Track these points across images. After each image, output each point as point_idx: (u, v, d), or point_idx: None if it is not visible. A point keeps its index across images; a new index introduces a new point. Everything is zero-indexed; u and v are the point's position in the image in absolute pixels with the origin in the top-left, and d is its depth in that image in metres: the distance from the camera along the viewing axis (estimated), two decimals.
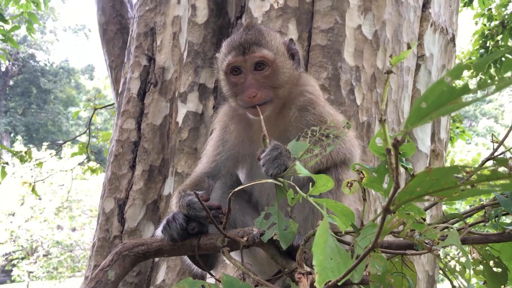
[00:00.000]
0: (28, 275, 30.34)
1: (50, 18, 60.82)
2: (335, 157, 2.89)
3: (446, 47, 5.54)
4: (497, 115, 54.33)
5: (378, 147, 2.31)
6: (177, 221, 2.60)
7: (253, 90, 2.97)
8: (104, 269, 2.51)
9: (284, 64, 3.07)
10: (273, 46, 3.07)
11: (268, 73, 3.02)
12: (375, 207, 4.50)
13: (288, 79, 3.08)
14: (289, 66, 3.11)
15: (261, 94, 2.97)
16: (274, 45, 3.08)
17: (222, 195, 2.99)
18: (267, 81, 3.02)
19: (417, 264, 4.74)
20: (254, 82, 3.00)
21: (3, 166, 10.20)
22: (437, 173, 1.30)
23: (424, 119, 1.18)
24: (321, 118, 3.02)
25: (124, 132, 5.74)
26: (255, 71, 3.03)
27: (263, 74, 3.02)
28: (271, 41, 3.08)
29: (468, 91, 1.13)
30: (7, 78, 55.88)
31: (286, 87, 3.07)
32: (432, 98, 1.17)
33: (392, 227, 1.61)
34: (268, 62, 3.02)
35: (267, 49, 3.03)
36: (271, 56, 3.02)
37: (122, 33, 8.23)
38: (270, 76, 3.02)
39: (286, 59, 3.12)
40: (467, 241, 2.39)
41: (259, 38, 3.06)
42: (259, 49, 3.02)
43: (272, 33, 3.19)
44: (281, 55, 3.08)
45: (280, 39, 3.18)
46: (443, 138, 5.50)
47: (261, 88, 3.00)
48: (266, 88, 3.01)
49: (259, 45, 3.03)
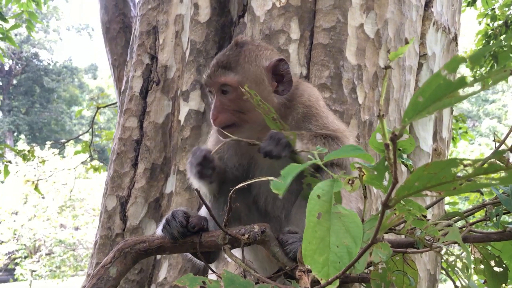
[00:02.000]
0: (31, 274, 30.40)
1: (54, 17, 60.89)
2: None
3: (448, 46, 5.54)
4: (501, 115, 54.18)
5: (378, 143, 2.32)
6: (176, 219, 2.61)
7: (213, 113, 2.94)
8: (105, 266, 2.53)
9: (254, 89, 2.76)
10: (245, 69, 2.96)
11: (232, 97, 2.94)
12: (377, 206, 4.50)
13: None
14: (263, 90, 2.96)
15: (222, 117, 2.93)
16: (246, 68, 2.97)
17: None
18: (232, 105, 2.94)
19: (418, 263, 4.74)
20: (218, 105, 2.95)
21: (6, 164, 10.22)
22: (436, 167, 1.31)
23: (421, 113, 1.19)
24: (326, 127, 3.00)
25: (126, 130, 5.75)
26: (222, 94, 2.97)
27: (228, 97, 2.95)
28: (245, 64, 2.98)
29: (464, 84, 1.14)
30: (10, 77, 55.99)
31: (257, 112, 2.73)
32: (429, 92, 1.17)
33: (392, 223, 1.62)
34: (232, 87, 2.93)
35: (234, 73, 2.94)
36: (234, 81, 2.92)
37: (125, 32, 8.23)
38: (235, 100, 2.93)
39: (261, 83, 2.98)
40: (468, 240, 2.39)
41: (231, 60, 2.99)
42: (224, 74, 2.95)
43: (254, 54, 3.05)
44: (251, 79, 2.95)
45: (261, 60, 3.04)
46: (445, 137, 5.49)
47: (224, 111, 2.94)
48: (229, 111, 2.94)
49: (227, 68, 2.96)
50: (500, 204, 2.46)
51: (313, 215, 1.40)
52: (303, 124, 3.02)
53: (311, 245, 1.26)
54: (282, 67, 3.01)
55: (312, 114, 3.04)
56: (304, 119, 3.03)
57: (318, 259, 1.22)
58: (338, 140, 2.91)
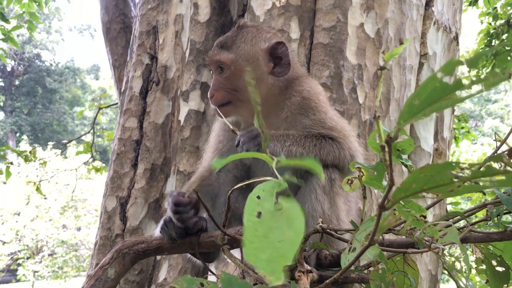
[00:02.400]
0: (33, 274, 30.40)
1: (56, 18, 60.94)
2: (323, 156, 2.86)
3: (449, 46, 5.52)
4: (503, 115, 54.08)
5: (376, 143, 2.30)
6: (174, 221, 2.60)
7: (211, 91, 3.04)
8: (104, 267, 2.51)
9: (246, 67, 2.99)
10: (239, 49, 3.06)
11: (227, 76, 3.04)
12: (377, 206, 4.48)
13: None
14: (256, 69, 3.02)
15: (218, 95, 3.02)
16: (241, 47, 3.06)
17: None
18: (226, 83, 3.04)
19: (419, 264, 4.72)
20: (215, 83, 3.06)
21: (8, 166, 10.22)
22: (432, 170, 1.30)
23: (417, 116, 1.17)
24: (323, 124, 2.98)
25: (126, 131, 5.75)
26: (219, 73, 3.07)
27: (223, 76, 3.05)
28: (241, 43, 3.07)
29: (461, 87, 1.12)
30: (13, 78, 56.07)
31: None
32: (425, 95, 1.16)
33: (389, 225, 1.60)
34: (225, 65, 3.03)
35: (228, 52, 3.05)
36: (228, 59, 3.02)
37: (125, 32, 8.23)
38: (229, 78, 3.03)
39: (255, 62, 3.05)
40: (468, 240, 2.37)
41: (229, 40, 3.10)
42: (219, 52, 3.06)
43: (252, 35, 3.13)
44: (244, 58, 3.04)
45: (259, 41, 3.11)
46: (446, 137, 5.48)
47: (220, 90, 3.03)
48: (225, 90, 3.03)
49: (223, 47, 3.08)
50: (501, 204, 2.45)
51: (252, 215, 1.38)
52: (299, 117, 3.02)
53: (253, 244, 1.24)
54: (280, 49, 3.07)
55: (310, 107, 3.03)
56: (300, 111, 3.03)
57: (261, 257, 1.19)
58: (334, 141, 2.91)
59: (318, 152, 2.84)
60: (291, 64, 3.11)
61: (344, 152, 2.89)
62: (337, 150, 2.88)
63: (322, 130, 2.94)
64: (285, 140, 2.81)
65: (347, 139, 2.95)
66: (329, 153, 2.86)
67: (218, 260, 3.07)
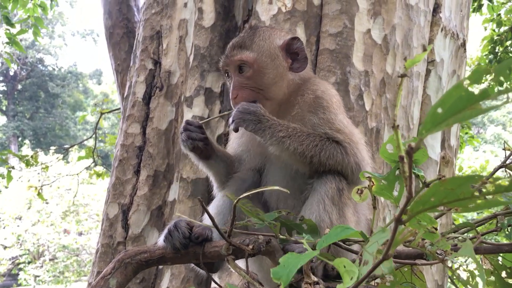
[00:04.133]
0: (35, 279, 30.40)
1: (59, 22, 61.11)
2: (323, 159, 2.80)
3: (456, 52, 5.48)
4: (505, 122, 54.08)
5: (389, 153, 2.25)
6: (179, 230, 2.55)
7: (234, 91, 3.03)
8: (105, 277, 2.47)
9: (269, 64, 3.05)
10: (259, 46, 3.09)
11: (249, 74, 3.04)
12: (384, 215, 4.43)
13: (274, 79, 3.06)
14: (278, 65, 3.08)
15: (242, 94, 3.01)
16: (261, 45, 3.09)
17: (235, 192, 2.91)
18: (250, 82, 3.04)
19: (426, 274, 4.67)
20: (237, 84, 3.05)
21: (9, 170, 10.23)
22: (453, 183, 1.24)
23: (440, 125, 1.11)
24: (330, 124, 2.92)
25: (129, 137, 5.70)
26: (239, 73, 3.07)
27: (245, 75, 3.04)
28: (259, 42, 3.11)
29: (487, 96, 1.06)
30: (15, 82, 56.20)
31: (274, 87, 3.06)
32: (449, 104, 1.10)
33: (404, 238, 1.55)
34: (248, 63, 3.04)
35: (249, 51, 3.07)
36: (250, 58, 3.04)
37: (128, 37, 8.22)
38: (253, 77, 3.03)
39: (276, 59, 3.09)
40: (479, 251, 2.35)
41: (246, 40, 3.13)
42: (240, 52, 3.08)
43: (267, 33, 3.18)
44: (266, 55, 3.07)
45: (275, 39, 3.16)
46: (453, 145, 5.43)
47: (243, 89, 3.03)
48: (249, 89, 3.03)
49: (242, 47, 3.10)
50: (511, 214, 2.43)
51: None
52: (308, 115, 3.00)
53: None
54: (295, 45, 3.13)
55: (321, 106, 3.00)
56: (310, 108, 3.01)
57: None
58: (339, 144, 2.84)
59: (318, 154, 2.78)
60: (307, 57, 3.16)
61: (348, 158, 2.80)
62: (341, 155, 2.80)
63: (329, 130, 2.89)
64: (280, 130, 2.79)
65: (355, 145, 2.88)
66: (330, 157, 2.79)
67: (221, 270, 3.03)
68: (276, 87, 3.05)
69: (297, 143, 2.76)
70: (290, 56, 3.12)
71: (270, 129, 2.77)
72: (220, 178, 3.24)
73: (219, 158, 3.19)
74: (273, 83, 3.04)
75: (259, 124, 2.78)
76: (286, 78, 3.09)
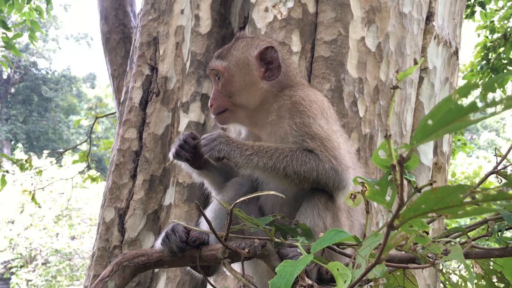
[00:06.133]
0: (27, 283, 30.19)
1: (53, 26, 60.91)
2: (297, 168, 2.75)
3: (449, 60, 5.54)
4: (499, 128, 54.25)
5: (381, 159, 2.30)
6: (176, 234, 2.58)
7: (210, 100, 3.19)
8: (103, 280, 2.49)
9: (238, 72, 3.14)
10: (232, 56, 3.19)
11: (222, 83, 3.16)
12: (377, 220, 4.48)
13: (245, 87, 3.13)
14: (248, 73, 3.15)
15: (216, 103, 3.16)
16: (234, 55, 3.19)
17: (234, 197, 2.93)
18: (222, 90, 3.16)
19: (418, 278, 4.71)
20: (214, 93, 3.19)
21: (3, 174, 10.21)
22: (443, 191, 1.29)
23: (430, 136, 1.17)
24: (307, 128, 2.87)
25: (125, 142, 5.73)
26: (216, 82, 3.21)
27: (220, 83, 3.17)
28: (233, 51, 3.21)
29: (476, 109, 1.12)
30: (8, 85, 55.94)
31: (246, 95, 3.13)
32: (439, 116, 1.16)
33: (396, 243, 1.60)
34: (220, 72, 3.18)
35: (222, 60, 3.19)
36: (220, 66, 3.17)
37: (124, 42, 8.25)
38: (224, 85, 3.15)
39: (245, 67, 3.16)
40: (469, 256, 2.37)
41: (225, 50, 3.26)
42: (215, 61, 3.23)
43: (244, 43, 3.25)
44: (235, 64, 3.16)
45: (250, 48, 3.21)
46: (445, 151, 5.48)
47: (218, 98, 3.16)
48: (222, 98, 3.15)
49: (218, 57, 3.24)
50: (502, 220, 2.46)
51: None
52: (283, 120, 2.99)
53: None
54: (269, 53, 3.17)
55: (298, 110, 2.95)
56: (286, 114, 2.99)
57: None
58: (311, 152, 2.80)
59: (290, 163, 2.73)
60: (282, 67, 3.18)
61: (323, 164, 2.75)
62: (314, 162, 2.75)
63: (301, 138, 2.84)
64: (246, 149, 2.80)
65: (331, 151, 2.80)
66: (303, 163, 2.74)
67: (217, 274, 3.06)
68: (248, 94, 3.13)
69: (266, 158, 2.75)
70: (266, 64, 3.17)
71: (238, 149, 2.80)
72: (216, 185, 3.28)
73: (213, 167, 3.21)
74: (244, 90, 3.13)
75: (228, 146, 2.81)
76: (257, 87, 3.14)
